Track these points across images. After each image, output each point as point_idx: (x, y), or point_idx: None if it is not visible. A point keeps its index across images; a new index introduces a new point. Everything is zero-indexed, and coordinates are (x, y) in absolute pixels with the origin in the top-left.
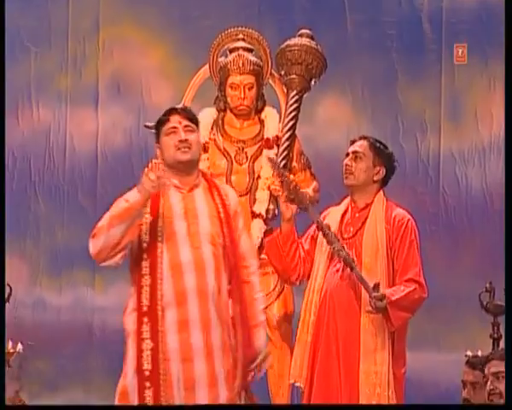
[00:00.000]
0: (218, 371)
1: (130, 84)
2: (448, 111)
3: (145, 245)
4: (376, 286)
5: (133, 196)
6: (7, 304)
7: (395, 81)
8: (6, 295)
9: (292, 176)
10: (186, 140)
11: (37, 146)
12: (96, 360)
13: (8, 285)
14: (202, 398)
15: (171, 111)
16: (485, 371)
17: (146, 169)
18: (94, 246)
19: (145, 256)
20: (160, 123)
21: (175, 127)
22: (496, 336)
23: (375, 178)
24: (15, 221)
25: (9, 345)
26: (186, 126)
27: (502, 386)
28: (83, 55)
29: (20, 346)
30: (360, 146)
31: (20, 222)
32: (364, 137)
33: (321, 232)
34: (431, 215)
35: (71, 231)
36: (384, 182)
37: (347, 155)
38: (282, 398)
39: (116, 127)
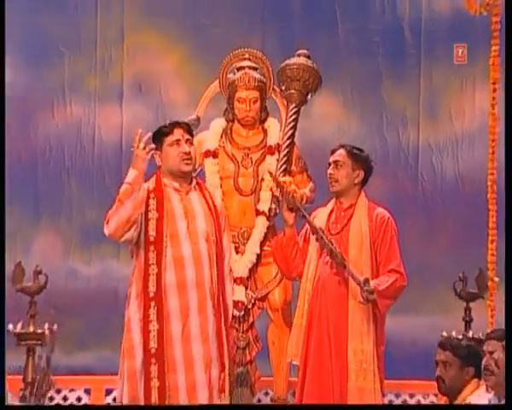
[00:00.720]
0: (212, 353)
1: (150, 85)
2: (426, 108)
3: (152, 239)
4: (367, 281)
5: (131, 174)
6: (44, 290)
7: (380, 82)
8: (43, 283)
9: (289, 180)
10: (189, 153)
11: (70, 137)
12: (121, 322)
13: (45, 275)
14: (200, 378)
15: (175, 125)
16: (484, 347)
17: (134, 144)
18: (109, 227)
19: (152, 248)
20: (163, 134)
21: (178, 140)
22: (468, 319)
23: (355, 181)
24: (51, 202)
25: (45, 326)
26: (187, 140)
27: (491, 362)
28: (109, 59)
29: (55, 327)
30: (339, 155)
31: (54, 203)
32: (342, 146)
33: (315, 236)
34: (410, 198)
35: (99, 210)
36: (364, 182)
37: (329, 164)
38: (281, 371)
39: (138, 121)
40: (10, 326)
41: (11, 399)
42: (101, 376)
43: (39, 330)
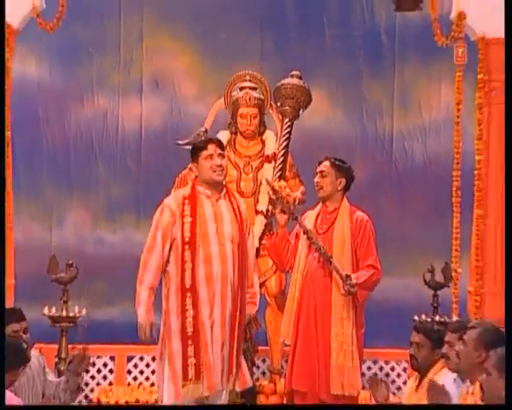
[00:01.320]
0: (226, 335)
1: (166, 81)
2: (399, 101)
3: (187, 239)
4: (348, 276)
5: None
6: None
7: (361, 80)
8: (74, 274)
9: (284, 185)
10: (221, 165)
11: (97, 125)
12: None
13: (76, 267)
14: (216, 357)
15: (209, 141)
16: (445, 337)
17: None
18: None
19: (187, 247)
20: (199, 149)
21: (212, 154)
22: (435, 305)
23: (338, 188)
24: (81, 180)
25: (76, 309)
26: (219, 154)
27: (452, 353)
28: (130, 59)
29: (84, 311)
30: (324, 166)
31: (84, 181)
32: (327, 158)
33: (306, 235)
34: (386, 177)
35: (122, 188)
36: (346, 188)
37: (317, 174)
38: (277, 346)
39: (155, 112)
40: (45, 310)
41: (48, 372)
42: (123, 345)
43: (71, 314)
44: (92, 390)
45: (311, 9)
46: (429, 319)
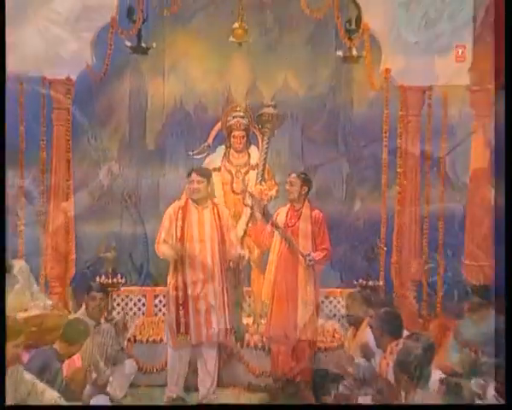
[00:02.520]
0: (211, 304)
1: (181, 67)
2: (346, 81)
3: (178, 238)
4: (308, 255)
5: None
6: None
7: (318, 68)
8: (116, 254)
9: (264, 188)
10: (197, 188)
11: (132, 99)
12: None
13: (119, 248)
14: (202, 320)
15: (192, 171)
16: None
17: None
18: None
19: (178, 243)
20: (188, 177)
21: (193, 180)
22: (369, 272)
23: (302, 193)
24: (120, 135)
25: (118, 277)
26: (198, 180)
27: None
28: (156, 51)
29: (123, 279)
30: (292, 177)
31: (125, 138)
32: (294, 172)
33: (275, 226)
34: (337, 134)
35: (150, 143)
36: (308, 193)
37: (287, 183)
38: (259, 297)
39: (173, 92)
40: (97, 279)
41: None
42: (151, 287)
43: (115, 281)
44: (131, 318)
45: (284, 24)
46: (364, 282)
